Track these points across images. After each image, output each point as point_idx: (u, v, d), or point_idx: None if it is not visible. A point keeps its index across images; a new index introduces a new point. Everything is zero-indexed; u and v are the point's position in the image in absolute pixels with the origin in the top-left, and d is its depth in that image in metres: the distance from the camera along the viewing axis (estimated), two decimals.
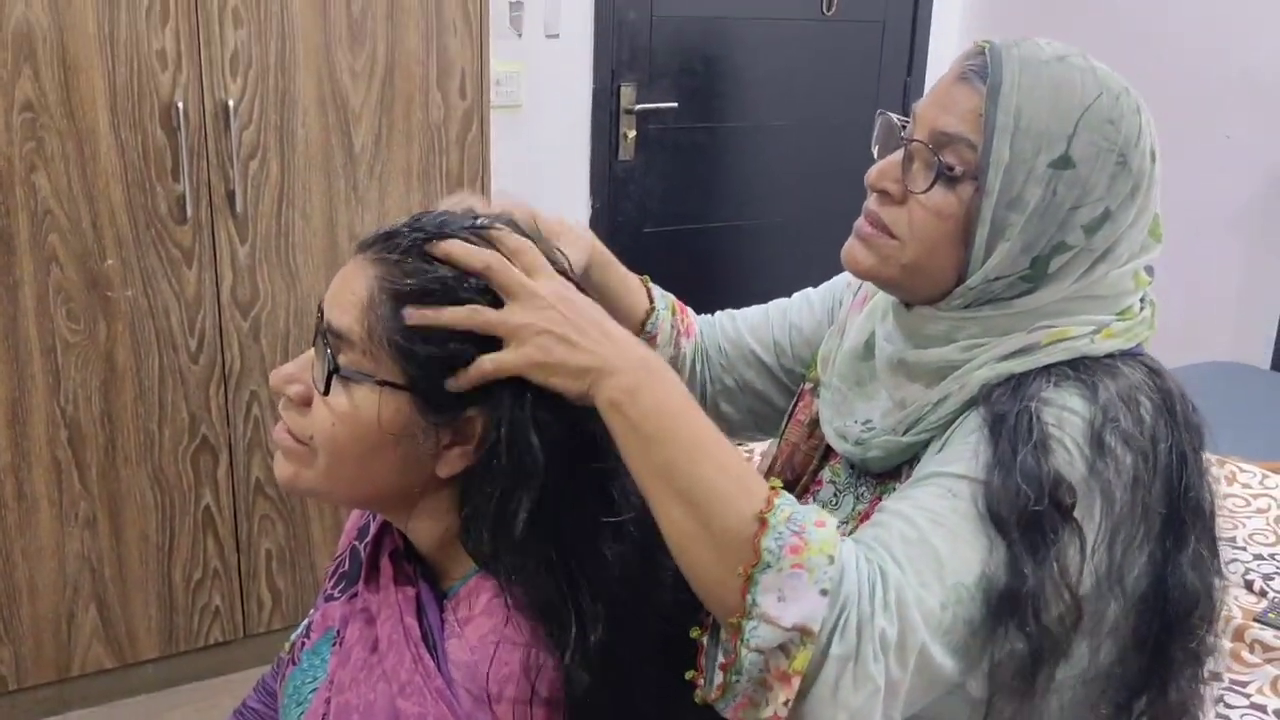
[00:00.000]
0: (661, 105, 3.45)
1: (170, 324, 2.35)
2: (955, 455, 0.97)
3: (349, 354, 0.92)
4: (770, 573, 0.83)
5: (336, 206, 2.46)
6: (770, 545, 0.83)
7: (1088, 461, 0.93)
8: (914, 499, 0.94)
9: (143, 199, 2.26)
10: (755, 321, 1.38)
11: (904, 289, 1.07)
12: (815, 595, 0.82)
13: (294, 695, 1.07)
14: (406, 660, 0.93)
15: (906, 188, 1.03)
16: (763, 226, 3.72)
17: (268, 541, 2.59)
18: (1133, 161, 0.99)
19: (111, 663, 2.51)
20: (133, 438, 2.38)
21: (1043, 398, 0.96)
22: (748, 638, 0.83)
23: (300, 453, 0.96)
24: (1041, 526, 0.90)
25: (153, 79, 2.22)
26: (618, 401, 0.88)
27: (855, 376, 1.16)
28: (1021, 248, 0.99)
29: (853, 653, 0.83)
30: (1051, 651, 0.92)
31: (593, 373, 0.88)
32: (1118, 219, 1.00)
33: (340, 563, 1.15)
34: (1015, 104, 0.98)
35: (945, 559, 0.89)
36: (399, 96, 2.46)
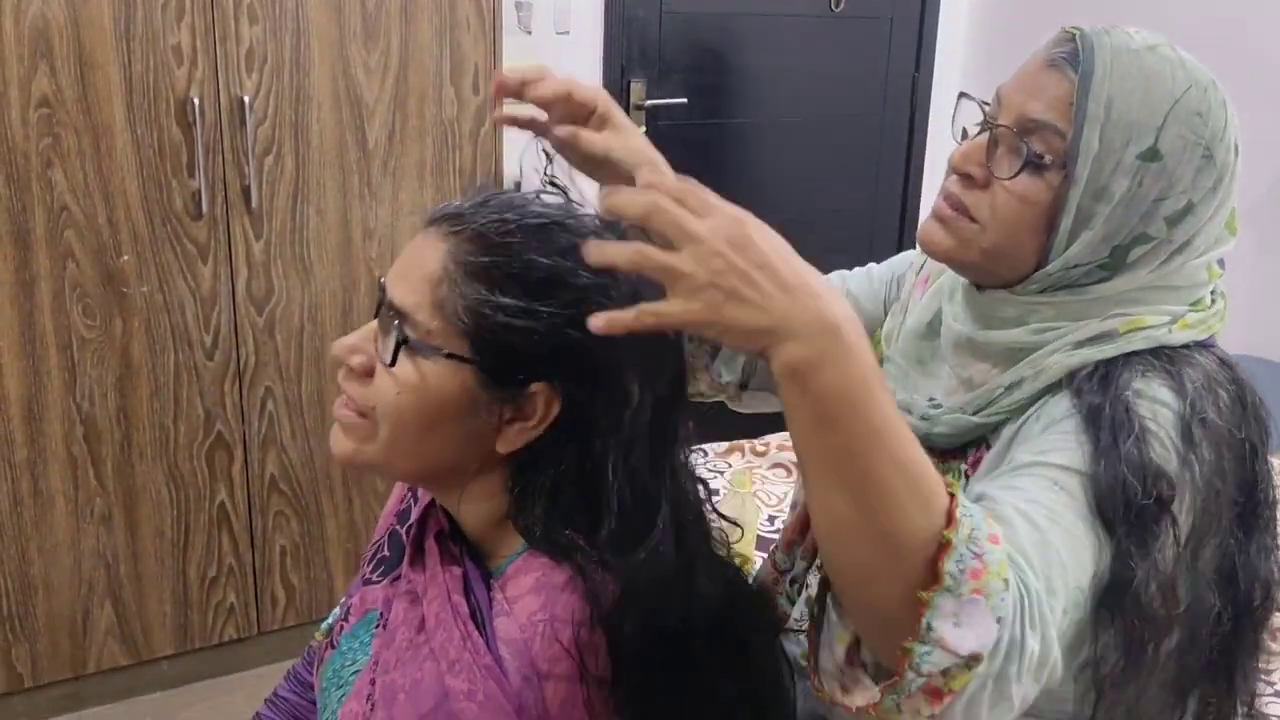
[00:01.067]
0: (671, 101, 3.45)
1: (185, 320, 2.35)
2: (1052, 445, 0.96)
3: (415, 328, 0.92)
4: (949, 598, 0.76)
5: (350, 202, 2.46)
6: (952, 569, 0.76)
7: (1180, 455, 0.93)
8: (1024, 492, 0.91)
9: (158, 195, 2.26)
10: None
11: (981, 272, 1.07)
12: (991, 622, 0.77)
13: (334, 679, 1.07)
14: (455, 638, 0.92)
15: (991, 172, 1.03)
16: (773, 222, 3.71)
17: (282, 538, 2.58)
18: (1218, 155, 0.99)
19: (126, 660, 2.50)
20: (148, 434, 2.38)
21: (1135, 389, 0.96)
22: (919, 662, 0.77)
23: (361, 427, 0.96)
24: (1146, 521, 0.90)
25: (168, 75, 2.22)
26: (794, 369, 0.76)
27: (917, 355, 1.17)
28: (1103, 237, 1.00)
29: (998, 672, 0.79)
30: (1153, 637, 0.92)
31: (766, 334, 0.76)
32: (1199, 212, 1.00)
33: (379, 547, 1.15)
34: (1107, 94, 0.98)
35: (1066, 562, 0.87)
36: (412, 92, 2.46)
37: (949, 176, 1.07)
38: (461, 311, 0.91)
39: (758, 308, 0.76)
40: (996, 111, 1.05)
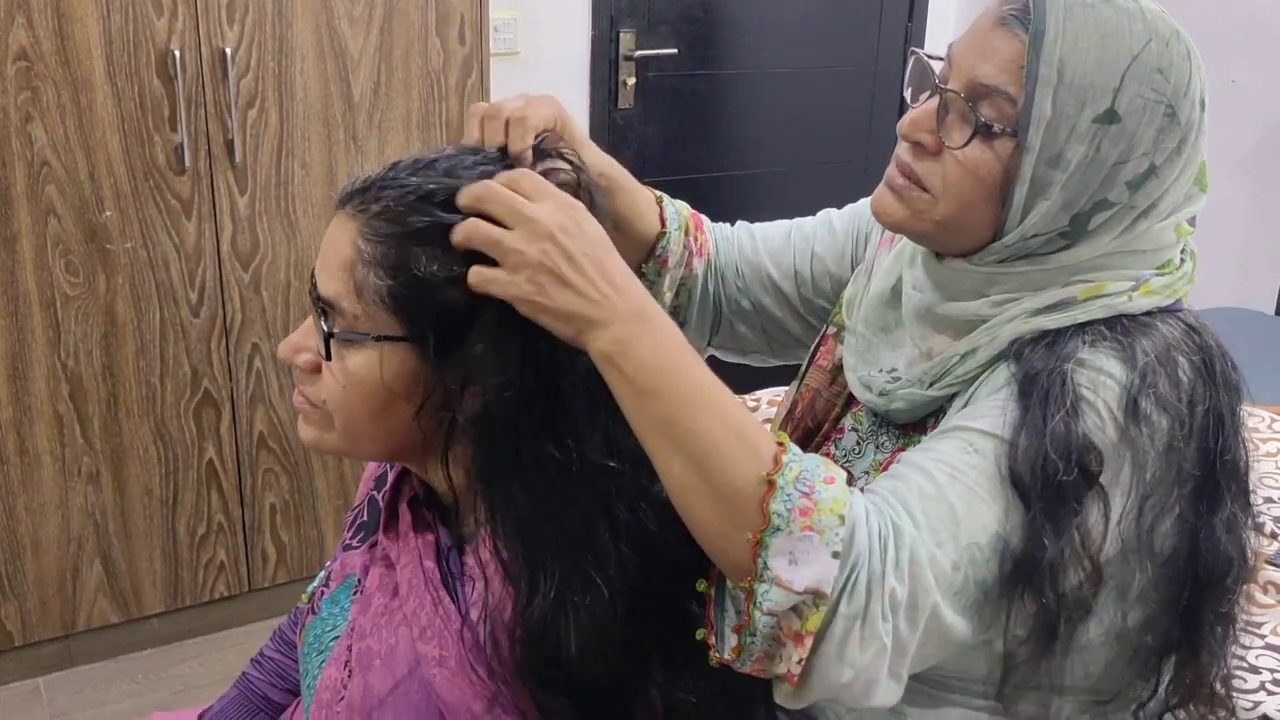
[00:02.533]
0: (661, 52, 3.40)
1: (170, 276, 2.33)
2: (982, 411, 0.94)
3: (343, 317, 0.90)
4: (780, 536, 0.81)
5: (336, 156, 2.42)
6: (779, 509, 0.81)
7: (1120, 428, 0.90)
8: (935, 452, 0.92)
9: (140, 149, 2.23)
10: (776, 245, 1.32)
11: (936, 242, 1.04)
12: (827, 558, 0.81)
13: (315, 644, 1.07)
14: (427, 604, 0.92)
15: (941, 140, 0.98)
16: (763, 175, 3.70)
17: (272, 495, 2.58)
18: (1181, 113, 0.94)
19: (117, 617, 2.50)
20: (134, 391, 2.36)
21: (1078, 359, 0.93)
22: (760, 600, 0.82)
23: (319, 417, 0.96)
24: (1065, 497, 0.88)
25: (148, 26, 2.17)
26: (610, 354, 0.84)
27: (881, 323, 1.13)
28: (1062, 205, 0.95)
29: (861, 612, 0.82)
30: (1069, 617, 0.91)
31: (582, 320, 0.84)
32: (1163, 174, 0.95)
33: (358, 513, 1.14)
34: (1059, 55, 0.92)
35: (961, 517, 0.87)
36: (398, 43, 2.42)
37: (900, 143, 1.03)
38: (382, 291, 0.88)
39: (578, 293, 0.83)
40: (948, 72, 1.00)
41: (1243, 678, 1.54)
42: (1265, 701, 1.49)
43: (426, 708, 0.90)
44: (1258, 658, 1.58)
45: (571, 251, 0.84)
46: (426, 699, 0.90)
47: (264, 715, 1.27)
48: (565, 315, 0.84)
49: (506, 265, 0.84)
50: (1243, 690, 1.51)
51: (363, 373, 0.90)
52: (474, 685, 0.89)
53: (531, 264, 0.83)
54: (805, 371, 1.26)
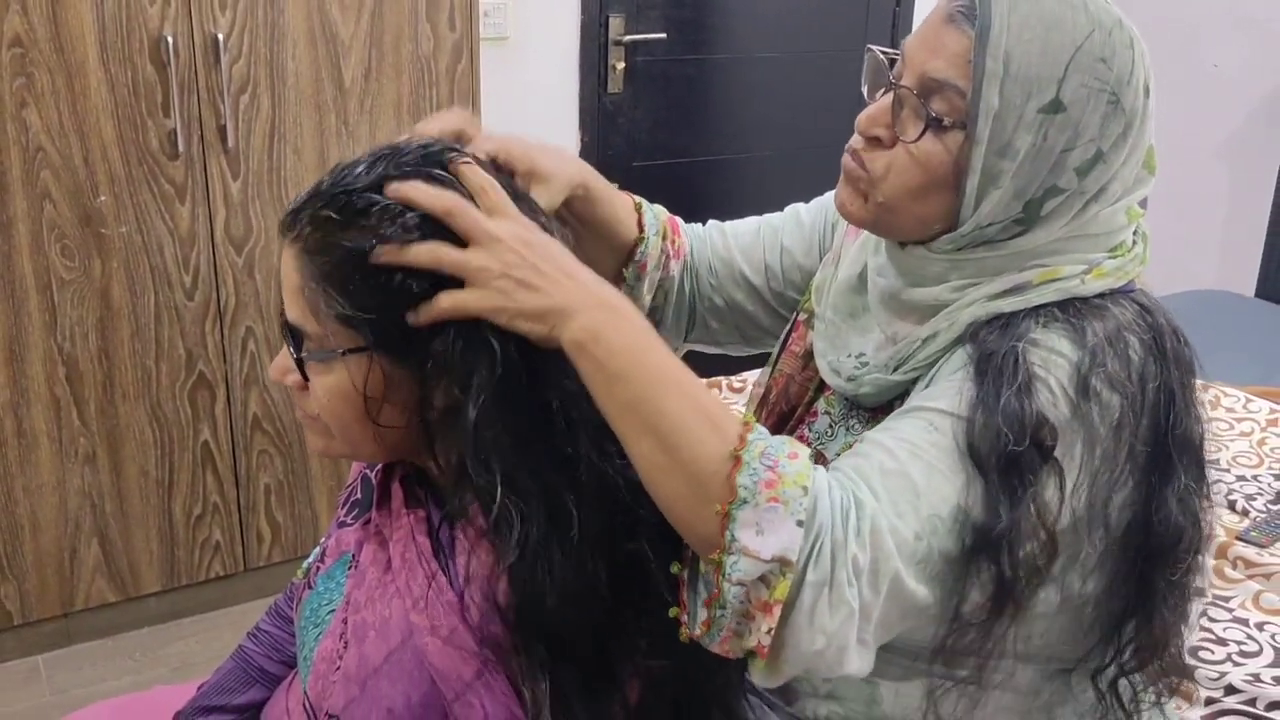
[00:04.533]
0: (651, 36, 3.42)
1: (165, 260, 2.35)
2: (940, 391, 0.98)
3: (310, 339, 0.95)
4: (747, 508, 0.85)
5: (328, 141, 2.45)
6: (745, 481, 0.85)
7: (1071, 404, 0.94)
8: (895, 430, 0.96)
9: (134, 134, 2.25)
10: (746, 241, 1.36)
11: (887, 229, 1.07)
12: (792, 526, 0.84)
13: (311, 618, 1.10)
14: (419, 577, 0.96)
15: (896, 134, 1.02)
16: (752, 159, 3.72)
17: (266, 476, 2.61)
18: (1125, 100, 0.97)
19: (114, 596, 2.54)
20: (130, 374, 2.40)
21: (1031, 338, 0.96)
22: (729, 572, 0.85)
23: (320, 427, 1.01)
24: (1020, 468, 0.91)
25: (141, 12, 2.20)
26: (581, 342, 0.88)
27: (849, 308, 1.16)
28: (1013, 194, 0.99)
29: (827, 579, 0.85)
30: (1023, 584, 0.94)
31: (554, 314, 0.89)
32: (1110, 159, 0.99)
33: (352, 490, 1.17)
34: (1004, 48, 0.95)
35: (922, 490, 0.90)
36: (388, 28, 2.45)
37: (855, 137, 1.07)
38: (333, 309, 0.93)
39: (545, 293, 0.89)
40: (902, 68, 1.03)
41: (1210, 649, 1.59)
42: (1231, 672, 1.54)
43: (419, 675, 0.94)
44: (1225, 630, 1.63)
45: (534, 260, 0.90)
46: (419, 666, 0.94)
47: (260, 686, 1.30)
48: (536, 314, 0.89)
49: (475, 282, 0.90)
50: (1210, 661, 1.56)
51: (340, 386, 0.95)
52: (464, 653, 0.92)
53: (498, 274, 0.89)
54: (778, 357, 1.29)
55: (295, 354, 0.96)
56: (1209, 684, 1.51)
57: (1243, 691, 1.50)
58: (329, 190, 0.95)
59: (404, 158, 0.96)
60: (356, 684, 0.97)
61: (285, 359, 1.00)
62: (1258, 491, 2.00)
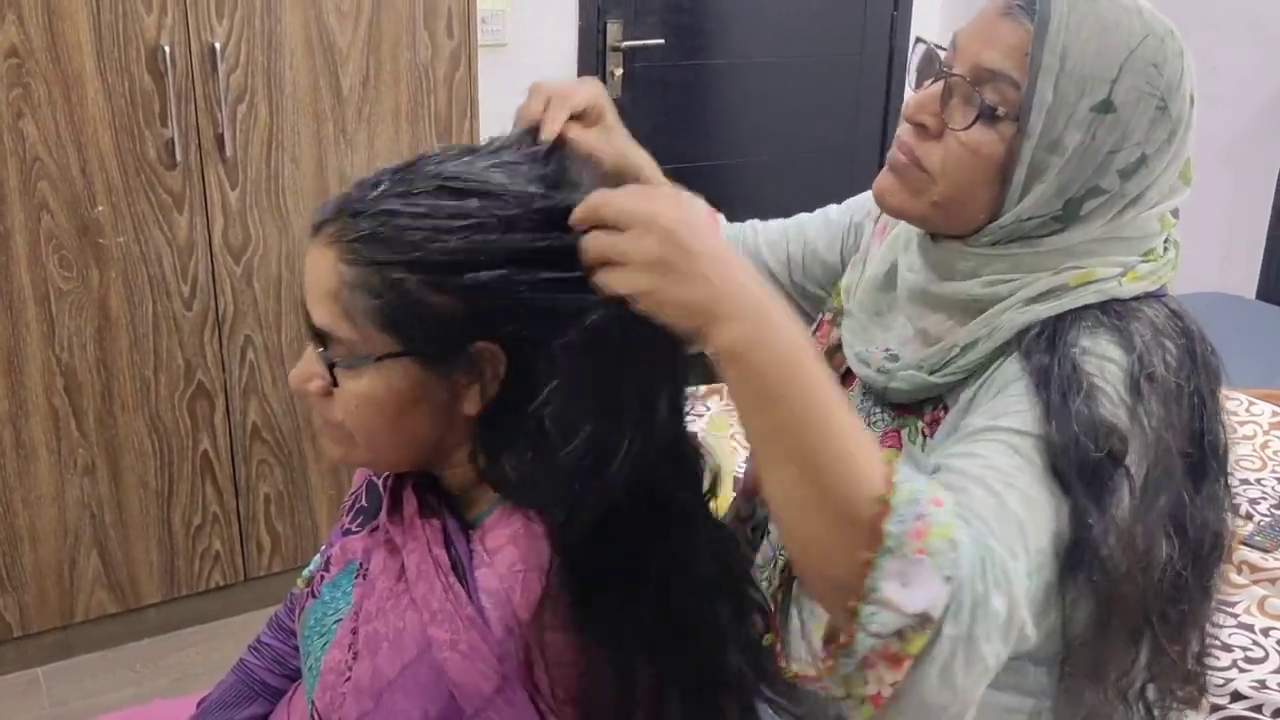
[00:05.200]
0: (648, 42, 3.42)
1: (163, 270, 2.35)
2: (1005, 409, 0.96)
3: (341, 343, 0.93)
4: (893, 558, 0.78)
5: (326, 149, 2.44)
6: (893, 530, 0.78)
7: (1129, 409, 0.94)
8: (980, 459, 0.92)
9: (131, 144, 2.25)
10: (774, 237, 1.36)
11: (933, 223, 1.07)
12: (939, 582, 0.78)
13: (315, 627, 1.09)
14: (437, 589, 0.94)
15: (945, 122, 1.02)
16: (751, 164, 3.72)
17: (266, 486, 2.60)
18: (1173, 107, 0.99)
19: (114, 607, 2.53)
20: (129, 385, 2.39)
21: (1082, 346, 0.96)
22: (865, 622, 0.79)
23: (341, 435, 0.99)
24: (1101, 477, 0.90)
25: (138, 22, 2.19)
26: (734, 351, 0.80)
27: (875, 307, 1.17)
28: (1056, 190, 0.99)
29: (966, 634, 0.79)
30: (1118, 591, 0.93)
31: (706, 314, 0.80)
32: (1153, 164, 1.00)
33: (356, 498, 1.16)
34: (1062, 44, 0.97)
35: (1025, 524, 0.87)
36: (386, 36, 2.44)
37: (903, 125, 1.06)
38: (370, 312, 0.91)
39: (697, 286, 0.80)
40: (952, 58, 1.04)
41: (1216, 655, 1.58)
42: (1237, 678, 1.53)
43: (435, 689, 0.92)
44: (1230, 636, 1.62)
45: (690, 244, 0.80)
46: (435, 681, 0.92)
47: (263, 700, 1.30)
48: (689, 307, 0.80)
49: (626, 263, 0.82)
50: (1215, 668, 1.55)
51: (370, 392, 0.93)
52: (484, 668, 0.91)
53: (651, 260, 0.81)
54: None
55: (327, 359, 0.94)
56: (1215, 690, 1.50)
57: (1249, 698, 1.49)
58: (371, 191, 0.93)
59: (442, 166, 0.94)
60: (370, 697, 0.95)
61: (309, 365, 0.97)
62: (1261, 495, 1.99)
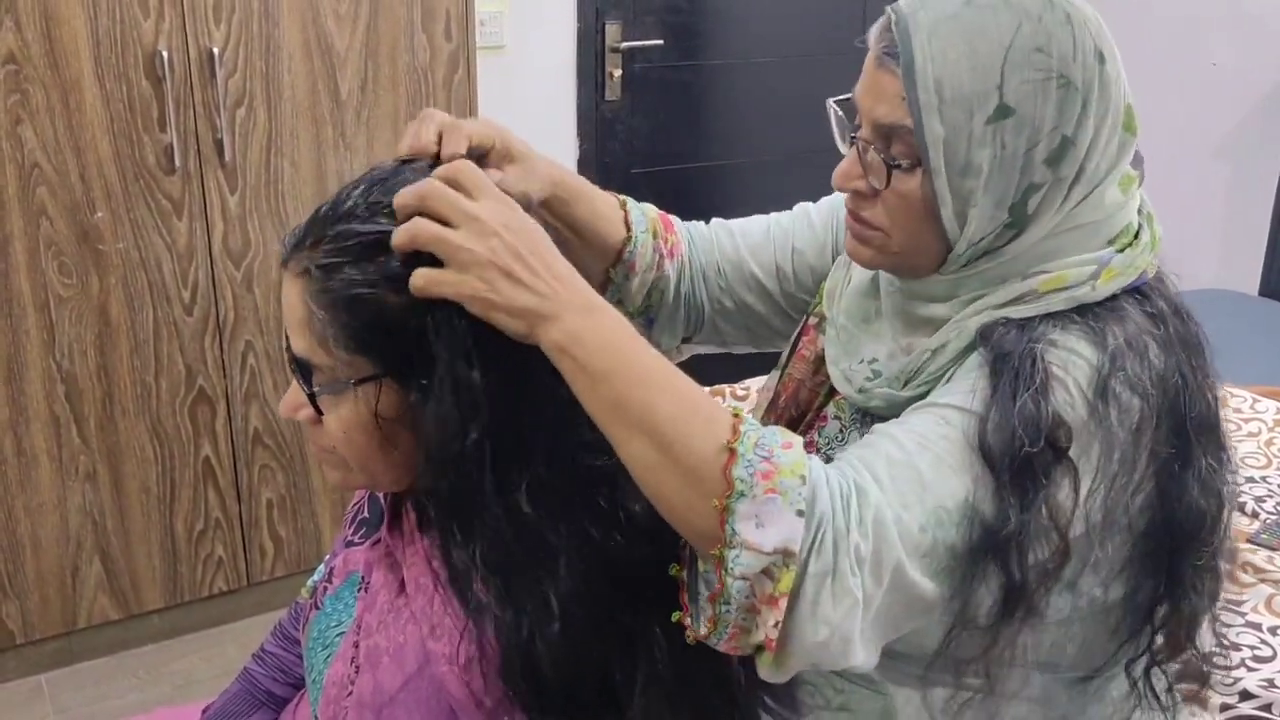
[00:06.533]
0: (647, 43, 3.41)
1: (163, 276, 2.34)
2: (953, 389, 0.97)
3: (321, 370, 0.93)
4: (745, 500, 0.83)
5: (325, 153, 2.44)
6: (742, 474, 0.83)
7: (1090, 406, 0.92)
8: (906, 424, 0.95)
9: (130, 150, 2.24)
10: (756, 241, 1.33)
11: (907, 269, 1.07)
12: (792, 516, 0.83)
13: (319, 639, 1.09)
14: (436, 602, 0.94)
15: (871, 184, 1.02)
16: (751, 164, 3.71)
17: (268, 491, 2.60)
18: (1075, 78, 0.95)
19: (117, 614, 2.53)
20: (129, 391, 2.38)
21: (1049, 339, 0.95)
22: (731, 566, 0.83)
23: (336, 460, 0.98)
24: (1033, 470, 0.90)
25: (135, 28, 2.19)
26: (563, 344, 0.85)
27: (862, 314, 1.15)
28: (994, 205, 0.97)
29: (830, 568, 0.83)
30: (1035, 588, 0.92)
31: (534, 315, 0.85)
32: (1078, 141, 0.97)
33: (359, 508, 1.16)
34: (932, 77, 0.94)
35: (929, 482, 0.89)
36: (384, 40, 2.44)
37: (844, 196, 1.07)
38: (343, 337, 0.90)
39: (529, 289, 0.85)
40: (859, 119, 1.03)
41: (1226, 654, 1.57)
42: (1245, 677, 1.52)
43: (437, 704, 0.92)
44: (1238, 635, 1.62)
45: (518, 247, 0.85)
46: (437, 695, 0.92)
47: (267, 709, 1.29)
48: (518, 311, 0.85)
49: (454, 264, 0.85)
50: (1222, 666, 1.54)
51: (356, 416, 0.93)
52: (484, 681, 0.91)
53: (481, 261, 0.84)
54: (787, 361, 1.27)
55: (307, 388, 0.94)
56: (1223, 690, 1.50)
57: (1258, 697, 1.49)
58: (328, 217, 0.93)
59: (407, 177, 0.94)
60: (371, 711, 0.95)
61: (295, 394, 0.97)
62: (1268, 493, 1.98)
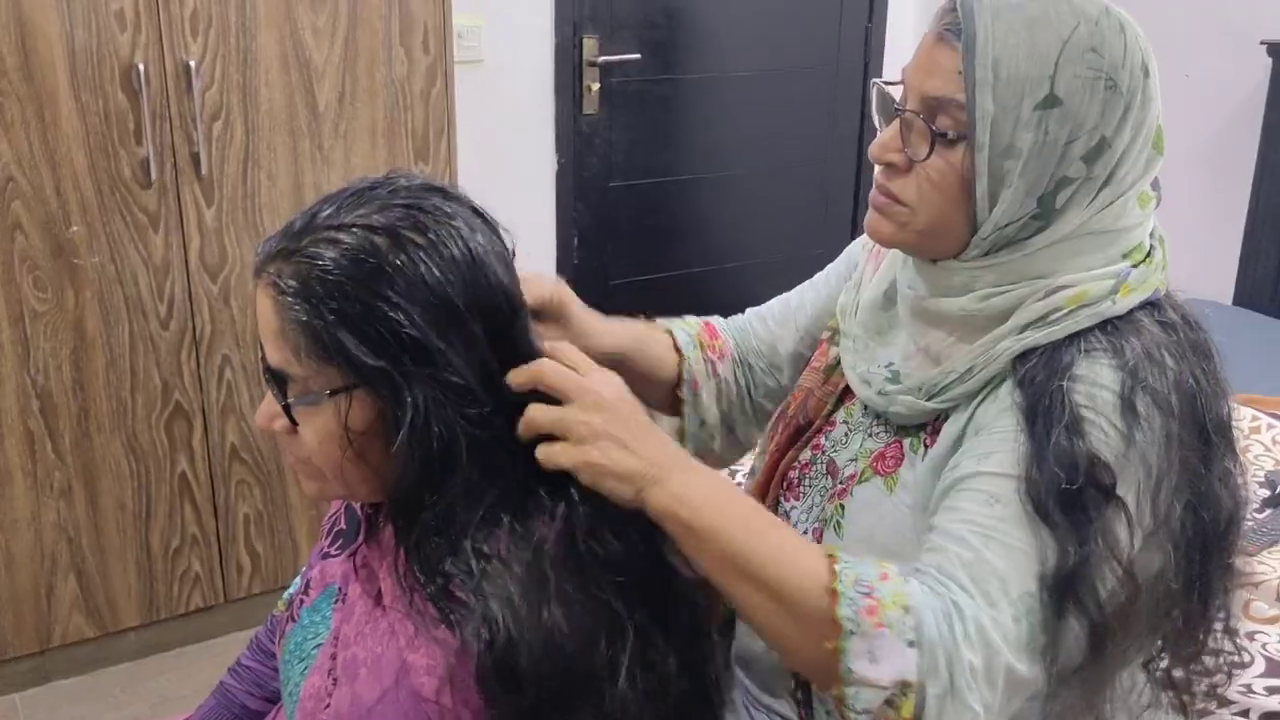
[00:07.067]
0: (625, 57, 3.42)
1: (139, 290, 2.33)
2: (991, 446, 0.99)
3: (295, 381, 0.93)
4: (856, 639, 0.87)
5: (302, 166, 2.43)
6: (847, 613, 0.87)
7: (1124, 435, 0.95)
8: (962, 513, 0.96)
9: (106, 163, 2.23)
10: (780, 316, 1.37)
11: (927, 250, 1.09)
12: (904, 648, 0.86)
13: (296, 651, 1.08)
14: (413, 613, 0.93)
15: (909, 157, 1.04)
16: (729, 178, 3.72)
17: (245, 506, 2.58)
18: (1122, 83, 0.99)
19: (93, 632, 2.50)
20: (105, 406, 2.36)
21: (1073, 375, 0.97)
22: (852, 703, 0.88)
23: (312, 470, 0.99)
24: (1082, 503, 0.93)
25: (112, 40, 2.18)
26: (670, 507, 0.92)
27: (875, 326, 1.18)
28: (1025, 191, 1.00)
29: (948, 688, 0.87)
30: (1114, 629, 0.95)
31: (641, 479, 0.92)
32: (1114, 144, 1.01)
33: (335, 520, 1.15)
34: (992, 56, 0.98)
35: (1006, 574, 0.92)
36: (362, 53, 2.43)
37: (876, 167, 1.09)
38: (316, 349, 0.91)
39: (637, 455, 0.93)
40: (905, 95, 1.06)
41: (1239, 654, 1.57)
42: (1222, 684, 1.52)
43: (415, 716, 0.91)
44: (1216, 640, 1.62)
45: (626, 417, 0.94)
46: (415, 706, 0.91)
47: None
48: (628, 476, 0.92)
49: (573, 437, 0.93)
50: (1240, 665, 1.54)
51: (330, 427, 0.93)
52: (462, 693, 0.90)
53: (598, 433, 0.92)
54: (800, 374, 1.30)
55: (281, 399, 0.94)
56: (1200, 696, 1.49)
57: (1235, 703, 1.49)
58: (303, 229, 0.93)
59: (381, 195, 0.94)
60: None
61: (270, 405, 0.97)
62: None
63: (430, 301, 0.90)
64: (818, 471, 1.20)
